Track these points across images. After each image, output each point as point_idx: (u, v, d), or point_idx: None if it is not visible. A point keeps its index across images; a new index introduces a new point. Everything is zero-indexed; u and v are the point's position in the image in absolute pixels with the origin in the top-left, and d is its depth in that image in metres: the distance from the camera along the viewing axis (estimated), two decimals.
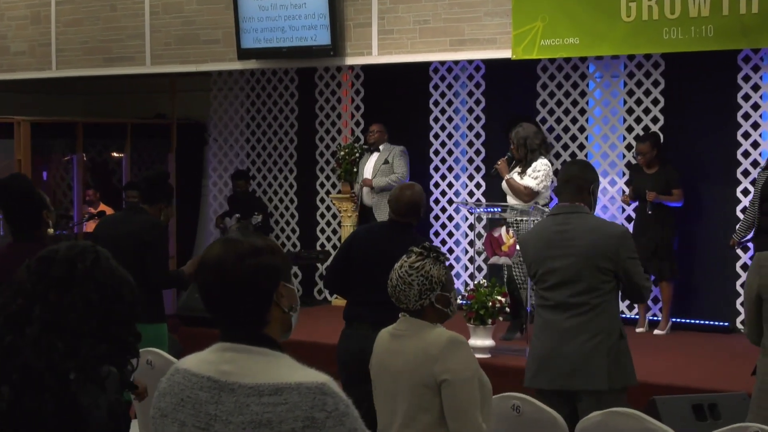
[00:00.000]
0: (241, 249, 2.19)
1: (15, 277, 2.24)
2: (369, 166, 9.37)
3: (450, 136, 9.69)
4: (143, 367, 4.33)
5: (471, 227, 9.05)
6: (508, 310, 7.31)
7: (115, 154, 10.87)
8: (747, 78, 8.20)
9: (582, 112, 9.04)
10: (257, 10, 8.78)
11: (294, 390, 2.08)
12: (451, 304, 3.54)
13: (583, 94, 9.00)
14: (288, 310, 2.25)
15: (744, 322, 5.10)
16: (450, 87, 9.64)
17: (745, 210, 7.80)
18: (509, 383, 5.03)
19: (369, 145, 9.50)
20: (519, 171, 7.88)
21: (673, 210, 8.26)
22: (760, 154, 8.18)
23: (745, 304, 4.25)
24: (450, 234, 9.78)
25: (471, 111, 9.58)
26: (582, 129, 9.05)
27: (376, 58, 8.42)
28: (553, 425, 3.83)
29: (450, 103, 9.66)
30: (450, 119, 9.68)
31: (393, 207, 5.08)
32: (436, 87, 9.71)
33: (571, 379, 4.39)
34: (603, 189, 8.69)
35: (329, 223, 10.48)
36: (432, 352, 3.39)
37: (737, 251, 8.12)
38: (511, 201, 7.83)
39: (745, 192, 8.17)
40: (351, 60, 8.61)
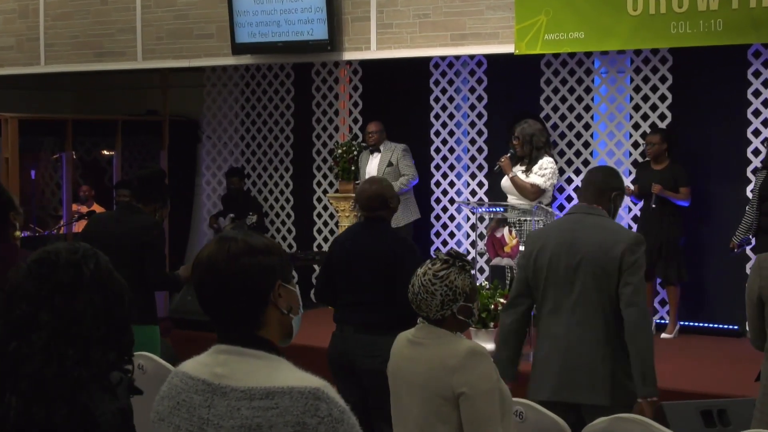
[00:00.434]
0: (236, 247, 2.16)
1: (11, 280, 2.17)
2: (372, 168, 9.18)
3: (451, 133, 9.52)
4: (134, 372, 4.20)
5: (473, 227, 8.87)
6: None
7: (106, 151, 10.76)
8: (757, 73, 8.05)
9: (587, 108, 8.88)
10: (252, 3, 8.68)
11: (286, 394, 2.04)
12: (473, 315, 3.42)
13: (589, 90, 8.86)
14: (287, 311, 2.19)
15: None
16: (451, 83, 9.48)
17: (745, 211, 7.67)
18: (512, 389, 4.87)
19: (369, 147, 9.34)
20: (523, 169, 7.74)
21: (680, 209, 8.14)
22: None
23: (747, 307, 4.11)
24: (451, 234, 9.62)
25: (473, 108, 9.41)
26: (587, 126, 8.88)
27: (374, 53, 8.31)
28: None
29: (451, 100, 9.50)
30: (451, 116, 9.51)
31: (361, 204, 5.04)
32: (436, 83, 9.55)
33: (575, 392, 4.21)
34: None
35: (326, 223, 10.30)
36: (450, 363, 3.29)
37: (747, 252, 7.97)
38: (512, 200, 7.69)
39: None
40: (349, 55, 8.51)
